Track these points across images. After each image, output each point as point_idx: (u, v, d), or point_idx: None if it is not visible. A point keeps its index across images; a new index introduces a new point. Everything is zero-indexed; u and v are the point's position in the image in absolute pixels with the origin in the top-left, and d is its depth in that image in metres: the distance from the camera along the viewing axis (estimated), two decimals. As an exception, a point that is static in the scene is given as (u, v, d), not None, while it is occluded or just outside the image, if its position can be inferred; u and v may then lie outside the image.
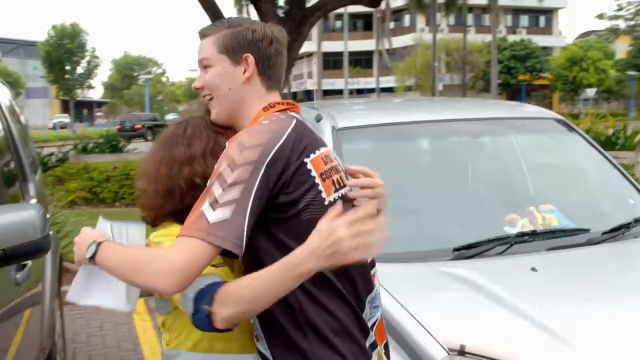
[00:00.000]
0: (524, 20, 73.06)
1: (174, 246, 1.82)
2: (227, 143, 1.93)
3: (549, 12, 74.08)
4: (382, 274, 3.04)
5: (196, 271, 1.81)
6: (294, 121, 2.01)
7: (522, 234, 3.30)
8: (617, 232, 3.43)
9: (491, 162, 4.09)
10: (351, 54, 47.80)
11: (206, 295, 1.86)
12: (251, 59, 2.03)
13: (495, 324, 2.60)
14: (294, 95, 59.32)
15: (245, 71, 2.03)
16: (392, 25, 64.57)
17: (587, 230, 3.42)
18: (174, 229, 2.02)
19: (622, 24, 57.30)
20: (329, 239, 1.75)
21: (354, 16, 60.26)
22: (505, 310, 2.65)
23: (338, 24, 65.09)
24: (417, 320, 2.57)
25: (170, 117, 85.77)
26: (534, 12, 72.51)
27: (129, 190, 12.76)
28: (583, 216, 3.69)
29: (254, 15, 23.81)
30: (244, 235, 1.81)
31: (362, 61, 70.48)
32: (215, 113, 2.10)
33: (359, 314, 1.98)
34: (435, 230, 3.55)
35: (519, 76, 62.53)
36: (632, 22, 56.31)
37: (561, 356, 2.44)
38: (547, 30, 74.58)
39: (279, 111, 2.05)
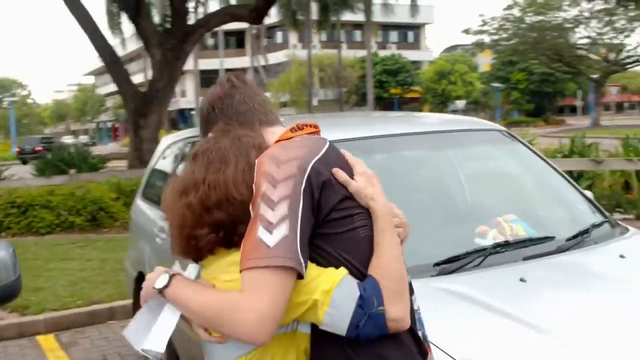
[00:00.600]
0: (394, 35, 75.13)
1: (249, 289, 1.74)
2: (256, 160, 1.87)
3: (417, 28, 76.51)
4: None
5: (283, 307, 1.73)
6: (328, 141, 1.96)
7: (498, 245, 3.28)
8: (579, 239, 3.48)
9: (448, 174, 4.07)
10: (226, 71, 47.58)
11: (372, 295, 1.77)
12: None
13: (503, 336, 2.56)
14: (169, 114, 58.29)
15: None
16: (265, 42, 64.77)
17: (552, 238, 3.45)
18: (234, 256, 1.85)
19: (486, 39, 59.90)
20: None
21: (226, 33, 60.01)
22: (510, 321, 2.61)
23: (210, 41, 64.71)
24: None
25: (66, 139, 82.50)
26: (402, 28, 74.62)
27: (15, 219, 12.05)
28: (543, 224, 3.73)
29: (128, 31, 23.20)
30: (298, 251, 1.74)
31: (235, 78, 70.09)
32: None
33: (417, 335, 1.90)
34: (409, 246, 3.47)
35: (390, 90, 64.24)
36: (495, 37, 58.96)
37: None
38: (416, 45, 77.05)
39: (308, 134, 2.01)
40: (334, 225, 1.83)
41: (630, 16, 54.50)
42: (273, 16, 30.01)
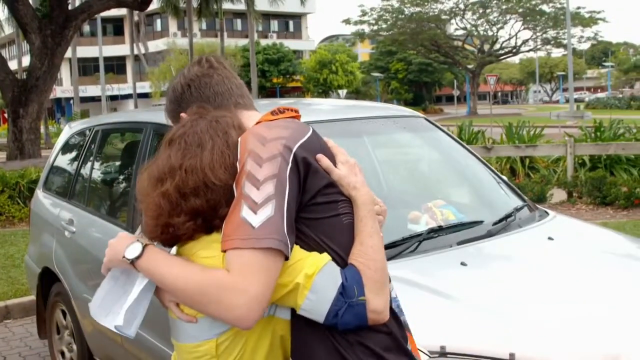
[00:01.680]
0: (275, 24, 75.08)
1: (239, 269, 1.65)
2: (239, 138, 1.80)
3: (298, 17, 76.73)
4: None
5: (271, 290, 1.67)
6: (311, 128, 1.91)
7: (432, 230, 3.31)
8: (505, 222, 3.57)
9: (372, 161, 4.08)
10: (104, 59, 46.19)
11: (354, 284, 1.72)
12: (184, 115, 1.99)
13: (462, 320, 2.58)
14: (44, 104, 56.10)
15: None
16: (143, 29, 63.28)
17: (481, 222, 3.52)
18: (216, 235, 1.78)
19: (366, 29, 60.89)
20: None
21: (104, 20, 58.25)
22: (464, 306, 2.64)
23: (86, 28, 62.59)
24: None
25: None
26: (283, 17, 74.67)
27: None
28: (469, 209, 3.80)
29: (4, 15, 22.12)
30: (285, 232, 1.68)
31: (114, 67, 68.34)
32: None
33: (400, 321, 1.89)
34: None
35: (273, 79, 64.23)
36: (375, 27, 60.03)
37: (545, 341, 2.47)
38: (297, 34, 77.27)
39: (289, 117, 1.94)
40: (318, 210, 1.78)
41: (503, 9, 56.84)
42: (153, 3, 29.32)
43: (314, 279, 1.71)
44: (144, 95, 60.30)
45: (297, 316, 1.77)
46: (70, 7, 18.84)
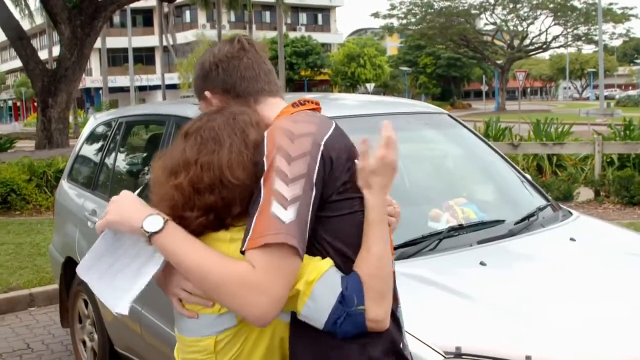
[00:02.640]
0: (303, 17, 75.06)
1: (265, 268, 1.63)
2: (265, 133, 1.77)
3: (327, 10, 76.68)
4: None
5: (289, 291, 1.67)
6: (334, 122, 1.89)
7: (452, 229, 3.29)
8: (527, 222, 3.53)
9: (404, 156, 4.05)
10: (133, 50, 46.51)
11: (354, 293, 1.71)
12: (208, 94, 1.98)
13: (478, 321, 2.55)
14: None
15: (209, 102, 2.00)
16: (172, 20, 63.61)
17: (503, 221, 3.49)
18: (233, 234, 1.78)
19: (395, 22, 60.65)
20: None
21: (133, 11, 58.62)
22: (481, 306, 2.61)
23: (117, 19, 63.03)
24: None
25: None
26: (312, 10, 74.65)
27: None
28: (491, 208, 3.77)
29: (33, 5, 22.34)
30: (305, 237, 1.69)
31: (143, 57, 68.72)
32: None
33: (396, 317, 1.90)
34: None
35: (300, 72, 64.20)
36: (404, 21, 59.76)
37: (563, 344, 2.43)
38: (326, 27, 77.15)
39: (310, 109, 1.93)
40: (333, 208, 1.76)
41: (534, 4, 56.27)
42: (183, -6, 29.47)
43: (314, 286, 1.71)
44: (173, 87, 60.58)
45: (294, 316, 1.78)
46: (99, -2, 18.93)
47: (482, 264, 2.94)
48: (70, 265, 5.24)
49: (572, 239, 3.36)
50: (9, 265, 8.04)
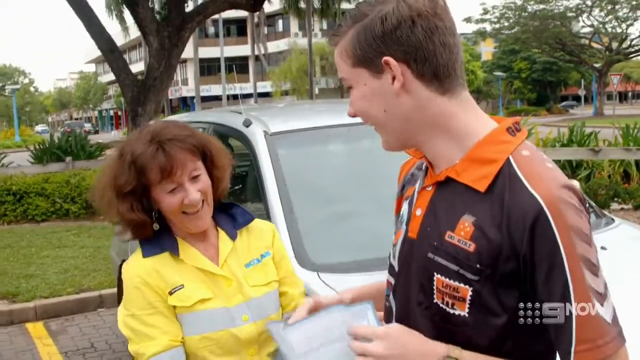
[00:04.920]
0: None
1: None
2: (542, 203, 1.34)
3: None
4: (341, 285, 2.91)
5: None
6: None
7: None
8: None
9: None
10: (226, 59, 47.45)
11: None
12: (393, 61, 1.41)
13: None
14: (170, 103, 58.30)
15: (393, 80, 1.43)
16: (265, 30, 64.63)
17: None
18: None
19: (488, 27, 59.68)
20: None
21: (227, 21, 59.94)
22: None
23: (211, 29, 64.52)
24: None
25: (39, 128, 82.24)
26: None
27: (11, 207, 12.03)
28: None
29: (129, 20, 23.05)
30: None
31: (237, 66, 70.06)
32: (385, 142, 1.55)
33: None
34: (384, 237, 3.42)
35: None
36: (497, 25, 58.73)
37: None
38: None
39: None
40: None
41: (633, 5, 54.30)
42: (275, 4, 29.82)
43: None
44: (265, 95, 61.52)
45: None
46: (187, 10, 19.42)
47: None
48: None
49: (602, 248, 3.24)
50: (84, 267, 8.38)
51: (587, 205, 1.45)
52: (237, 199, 3.93)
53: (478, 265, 1.39)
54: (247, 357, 2.11)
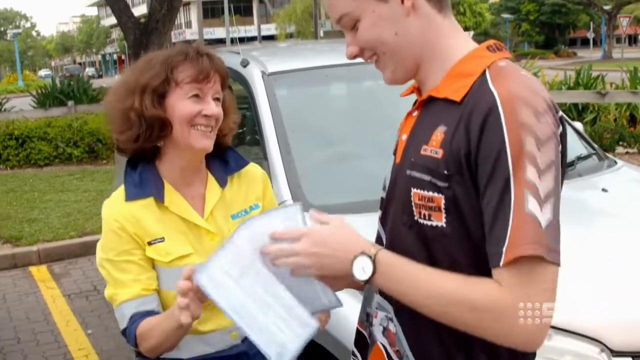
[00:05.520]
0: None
1: (518, 286, 1.30)
2: (498, 100, 1.35)
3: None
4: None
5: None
6: None
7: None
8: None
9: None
10: (230, 1, 46.95)
11: None
12: None
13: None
14: (174, 46, 57.88)
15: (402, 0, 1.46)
16: (270, -29, 63.75)
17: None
18: None
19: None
20: None
21: (231, -37, 59.08)
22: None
23: (215, -29, 63.64)
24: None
25: (42, 72, 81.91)
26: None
27: (13, 152, 12.02)
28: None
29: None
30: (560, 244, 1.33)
31: (241, 9, 69.29)
32: (391, 73, 1.54)
33: None
34: (381, 178, 3.38)
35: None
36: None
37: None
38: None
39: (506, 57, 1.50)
40: None
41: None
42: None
43: None
44: (270, 37, 60.97)
45: None
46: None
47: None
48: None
49: (604, 190, 3.20)
50: (88, 211, 8.39)
51: (560, 118, 1.42)
52: (235, 141, 3.88)
53: (445, 172, 1.40)
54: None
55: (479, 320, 1.34)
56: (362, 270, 1.42)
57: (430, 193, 1.43)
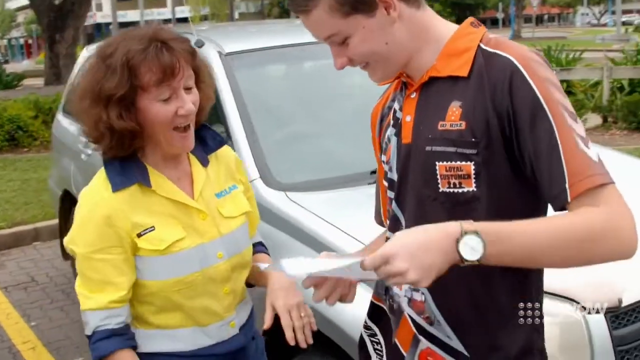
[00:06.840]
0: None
1: (608, 201, 1.40)
2: (515, 61, 1.47)
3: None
4: (312, 202, 2.90)
5: None
6: None
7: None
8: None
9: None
10: (142, -16, 45.94)
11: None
12: None
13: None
14: (85, 30, 56.31)
15: (388, 9, 1.53)
16: (181, -48, 62.57)
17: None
18: None
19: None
20: None
21: (141, -56, 57.74)
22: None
23: (125, -48, 62.09)
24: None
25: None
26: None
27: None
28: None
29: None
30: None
31: (153, -9, 68.01)
32: (382, 74, 1.62)
33: None
34: (344, 155, 3.41)
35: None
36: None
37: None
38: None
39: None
40: None
41: None
42: None
43: None
44: (184, 20, 60.00)
45: None
46: None
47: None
48: (67, 198, 5.25)
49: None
50: (15, 201, 8.13)
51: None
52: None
53: (473, 139, 1.49)
54: (221, 294, 2.02)
55: (601, 245, 1.40)
56: (471, 250, 1.36)
57: (459, 162, 1.51)
